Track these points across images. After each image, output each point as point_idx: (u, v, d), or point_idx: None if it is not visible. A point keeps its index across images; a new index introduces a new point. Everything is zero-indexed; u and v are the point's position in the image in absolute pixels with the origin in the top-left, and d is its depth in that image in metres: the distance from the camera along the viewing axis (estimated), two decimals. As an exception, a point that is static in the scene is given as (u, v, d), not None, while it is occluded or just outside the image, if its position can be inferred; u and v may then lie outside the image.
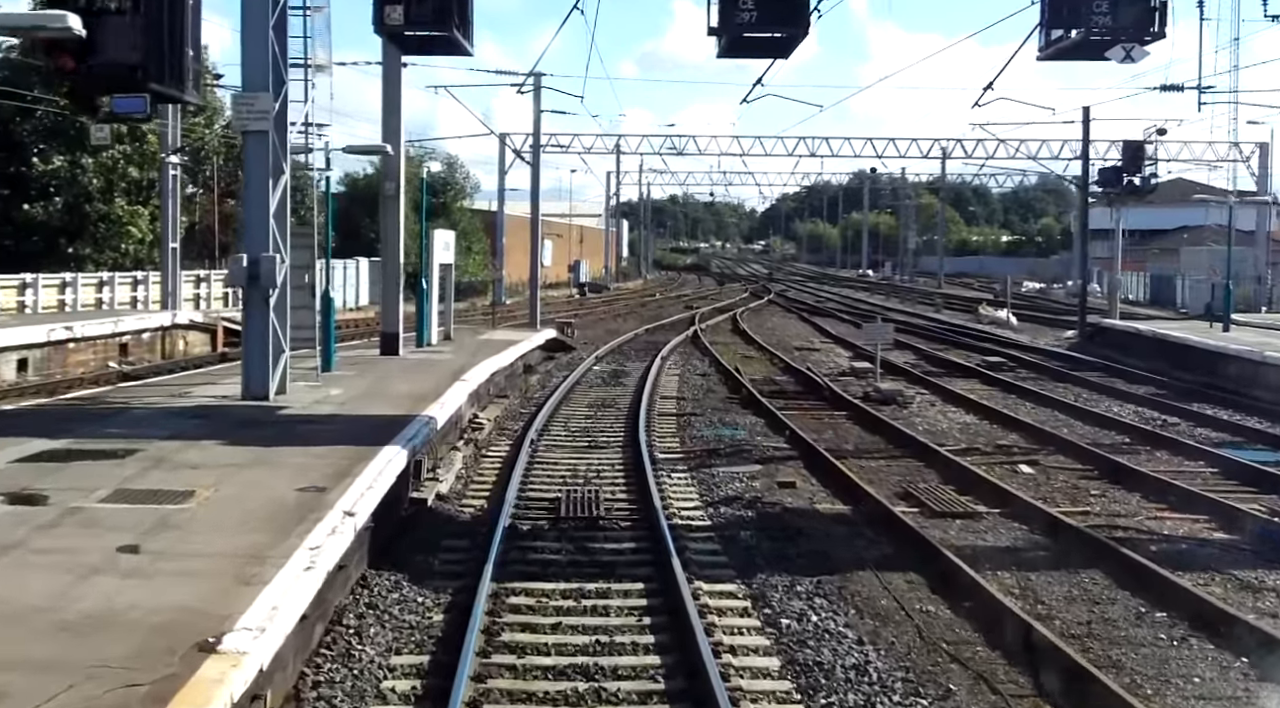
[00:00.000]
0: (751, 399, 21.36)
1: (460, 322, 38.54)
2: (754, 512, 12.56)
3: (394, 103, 19.59)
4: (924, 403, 21.62)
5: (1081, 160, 35.65)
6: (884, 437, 17.65)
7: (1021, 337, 37.73)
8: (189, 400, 14.16)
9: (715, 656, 7.93)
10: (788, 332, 40.04)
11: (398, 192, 19.73)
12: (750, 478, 14.39)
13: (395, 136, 19.43)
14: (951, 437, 17.84)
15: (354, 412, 13.37)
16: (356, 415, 13.08)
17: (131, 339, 28.05)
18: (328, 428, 11.91)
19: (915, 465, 15.35)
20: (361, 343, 24.73)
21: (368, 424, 12.47)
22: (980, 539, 11.48)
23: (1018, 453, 16.33)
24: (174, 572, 6.80)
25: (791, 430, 17.53)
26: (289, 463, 9.96)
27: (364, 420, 12.75)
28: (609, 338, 35.06)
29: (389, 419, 12.84)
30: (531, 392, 22.63)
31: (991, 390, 23.69)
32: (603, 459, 15.66)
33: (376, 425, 12.31)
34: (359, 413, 13.25)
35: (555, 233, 77.91)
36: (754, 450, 16.33)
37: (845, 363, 28.88)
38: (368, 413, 13.29)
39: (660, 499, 12.82)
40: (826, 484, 13.98)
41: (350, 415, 13.06)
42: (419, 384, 16.27)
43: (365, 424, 12.47)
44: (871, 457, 16.06)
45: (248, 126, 13.51)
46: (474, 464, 15.21)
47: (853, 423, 19.14)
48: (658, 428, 18.37)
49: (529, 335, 27.57)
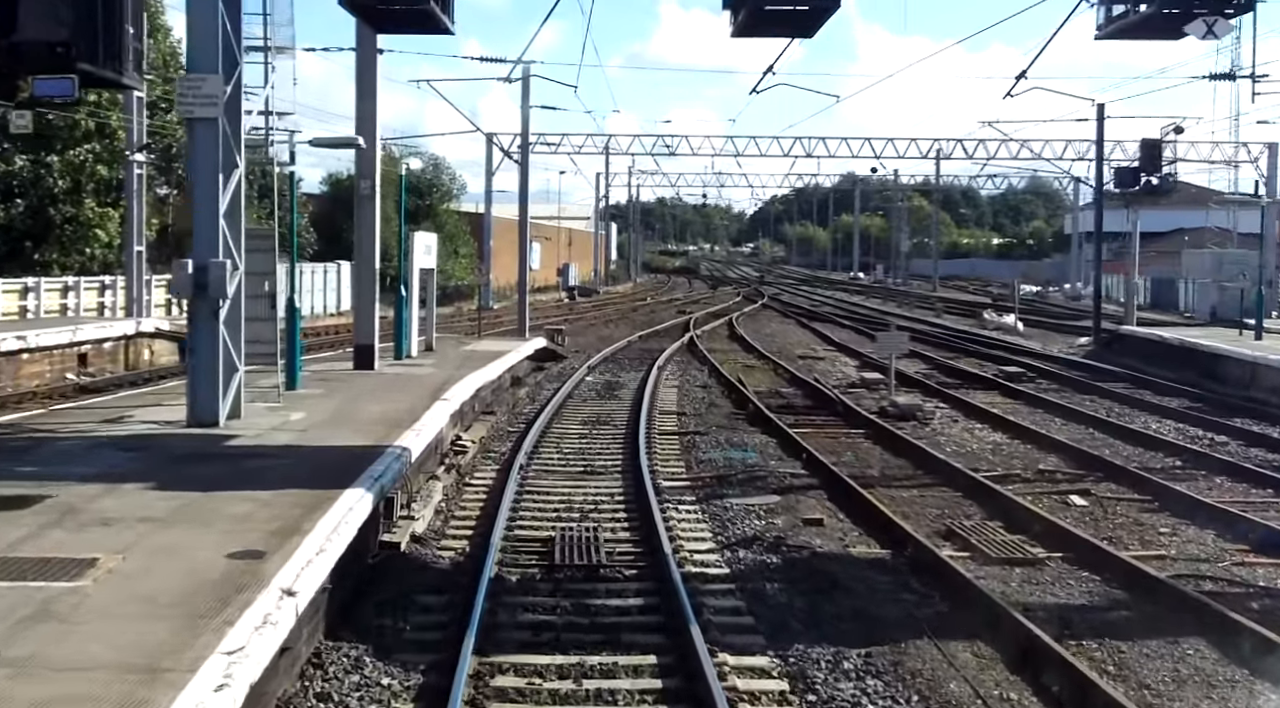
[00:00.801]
0: (759, 415, 19.67)
1: (445, 329, 36.78)
2: (778, 557, 10.85)
3: (368, 89, 17.77)
4: (945, 419, 19.94)
5: (1096, 159, 34.08)
6: (910, 460, 15.96)
7: (1032, 343, 36.12)
8: (126, 427, 12.34)
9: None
10: (788, 338, 38.36)
11: (373, 190, 17.93)
12: (769, 512, 12.68)
13: (370, 128, 17.64)
14: (984, 459, 16.17)
15: (315, 441, 11.57)
16: (318, 446, 11.28)
17: (92, 349, 26.23)
18: (281, 464, 10.14)
19: (951, 496, 13.66)
20: (337, 353, 22.96)
21: (330, 458, 10.69)
22: (1049, 594, 9.79)
23: (1062, 480, 14.66)
24: (27, 705, 4.97)
25: (808, 453, 15.84)
26: (226, 514, 8.20)
27: (326, 453, 10.95)
28: (601, 345, 33.34)
29: (355, 452, 11.07)
30: (520, 406, 20.90)
31: (1015, 404, 22.03)
32: (600, 488, 13.95)
33: (340, 460, 10.55)
34: (321, 443, 11.46)
35: (544, 236, 76.19)
36: (769, 477, 14.62)
37: (853, 373, 27.24)
38: (331, 443, 11.50)
39: (669, 541, 11.12)
40: (857, 520, 12.28)
41: (310, 446, 11.26)
42: (394, 405, 14.50)
43: (327, 458, 10.70)
44: (901, 485, 14.38)
45: (193, 113, 11.75)
46: (455, 496, 13.49)
47: (873, 443, 17.45)
48: (659, 449, 16.67)
49: (517, 345, 25.80)
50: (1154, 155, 31.85)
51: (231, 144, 12.06)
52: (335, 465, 10.19)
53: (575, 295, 66.51)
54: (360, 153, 17.66)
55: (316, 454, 10.88)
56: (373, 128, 17.77)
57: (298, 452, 10.98)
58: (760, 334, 39.20)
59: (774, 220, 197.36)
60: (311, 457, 10.79)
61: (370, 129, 17.73)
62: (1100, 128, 33.32)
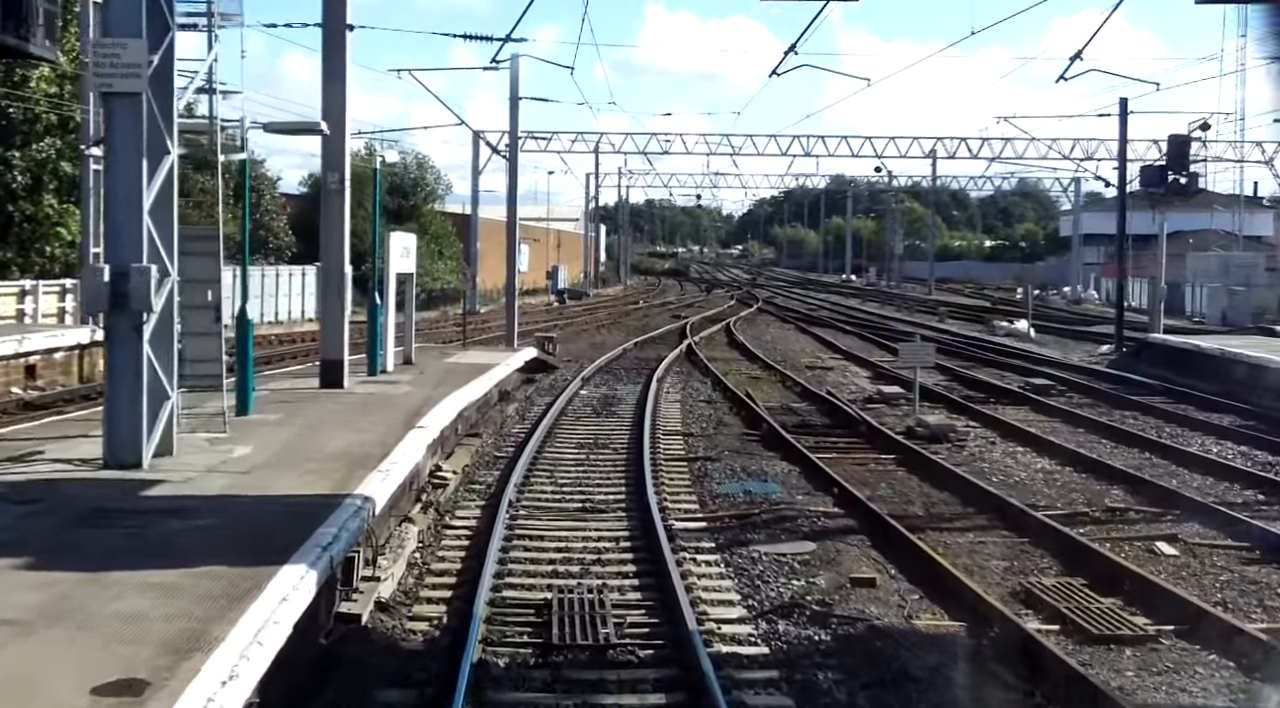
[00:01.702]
0: (775, 437, 17.65)
1: (428, 336, 34.66)
2: (828, 633, 8.82)
3: (337, 71, 15.63)
4: (982, 441, 17.94)
5: (1119, 157, 32.15)
6: (954, 493, 13.96)
7: (1049, 352, 34.18)
8: (29, 468, 10.15)
9: None
10: (790, 346, 36.36)
11: (341, 184, 15.79)
12: (807, 567, 10.65)
13: (338, 115, 15.52)
14: (1038, 492, 14.18)
15: (257, 489, 9.44)
16: (258, 497, 9.15)
17: (41, 360, 24.07)
18: (206, 526, 8.03)
19: (1015, 542, 11.65)
20: (307, 366, 20.76)
21: (269, 516, 8.55)
22: (1180, 690, 7.78)
23: (1138, 520, 12.68)
24: None
25: (839, 486, 13.81)
26: (113, 612, 6.03)
27: (266, 508, 8.80)
28: (594, 353, 31.29)
29: (304, 505, 8.94)
30: (508, 426, 18.83)
31: (1052, 422, 20.05)
32: (603, 532, 11.92)
33: (282, 518, 8.44)
34: (263, 492, 9.33)
35: (532, 237, 74.13)
36: (799, 517, 12.59)
37: (867, 385, 25.26)
38: (275, 492, 9.37)
39: (690, 607, 9.10)
40: (914, 578, 10.25)
41: (249, 497, 9.12)
42: (360, 435, 12.37)
43: (266, 516, 8.56)
44: (952, 526, 12.37)
45: (111, 86, 9.68)
46: (433, 542, 11.45)
47: (907, 471, 15.44)
48: (667, 479, 14.64)
49: (505, 356, 23.69)
50: (1182, 153, 29.94)
51: (160, 125, 9.99)
52: (275, 527, 8.10)
53: (565, 299, 64.51)
54: (326, 142, 15.58)
55: (254, 510, 8.74)
56: (341, 115, 15.67)
57: (231, 506, 8.86)
58: (761, 341, 37.22)
59: (764, 222, 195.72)
60: (247, 513, 8.65)
61: (339, 116, 15.62)
62: (1123, 123, 31.43)
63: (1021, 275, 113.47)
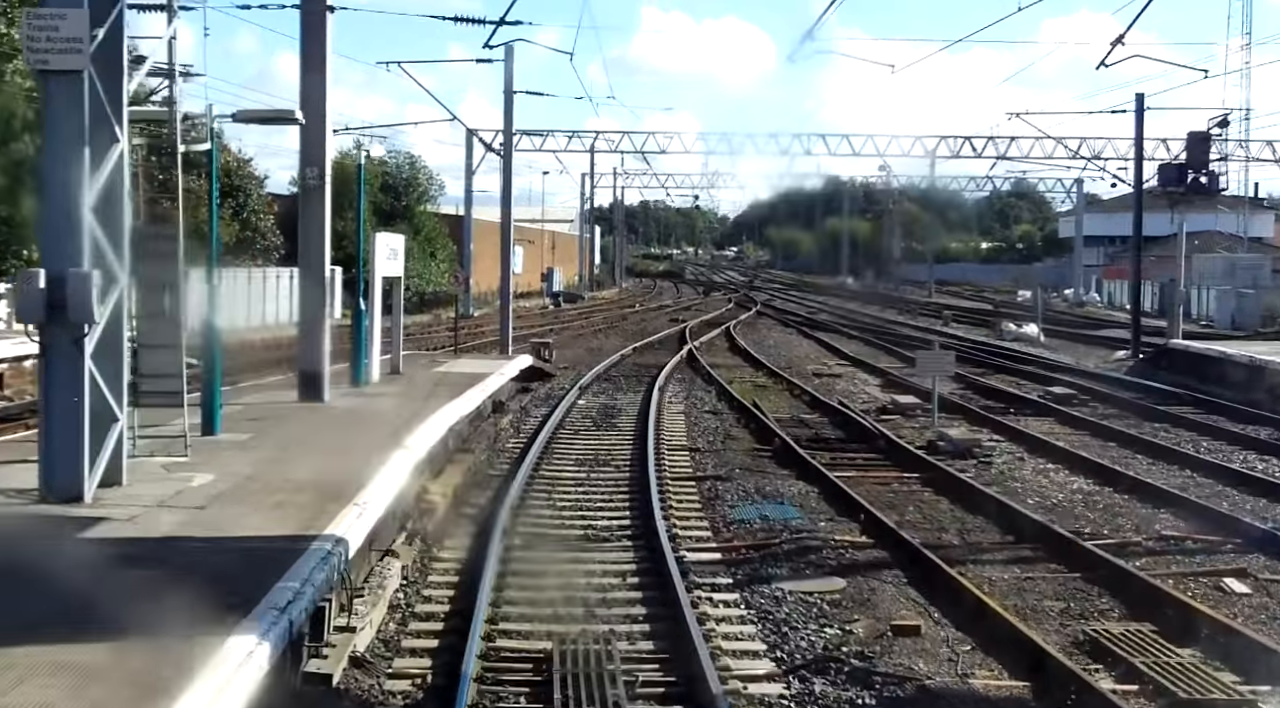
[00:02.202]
0: (789, 452, 16.48)
1: (419, 343, 33.41)
2: (873, 696, 7.62)
3: (316, 59, 14.36)
4: (1009, 457, 16.77)
5: (1135, 155, 31.00)
6: (990, 518, 12.78)
7: (1062, 357, 33.04)
8: (-48, 501, 8.98)
9: None
10: (794, 351, 35.20)
11: (322, 180, 14.52)
12: (838, 608, 9.48)
13: (318, 105, 14.29)
14: (1081, 517, 13.02)
15: (212, 528, 8.16)
16: (211, 539, 7.88)
17: (9, 368, 22.85)
18: (147, 577, 6.77)
19: (1066, 578, 10.47)
20: (287, 376, 19.53)
21: (223, 563, 7.28)
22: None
23: (1197, 550, 11.51)
24: None
25: (865, 510, 12.63)
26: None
27: (220, 553, 7.52)
28: (592, 359, 30.08)
29: (265, 550, 7.70)
30: (502, 440, 17.62)
31: (1080, 435, 18.90)
32: (608, 566, 10.73)
33: (239, 565, 7.21)
34: (218, 532, 8.07)
35: (527, 239, 72.89)
36: (823, 547, 11.41)
37: (879, 394, 24.12)
38: (232, 532, 8.11)
39: (711, 660, 7.93)
40: (963, 623, 9.05)
41: (201, 540, 7.84)
42: (338, 458, 11.12)
43: (219, 563, 7.28)
44: (994, 558, 11.20)
45: (47, 63, 8.45)
46: (418, 579, 10.26)
47: (935, 492, 14.27)
48: (675, 501, 13.46)
49: (499, 365, 22.45)
50: (1201, 150, 28.78)
51: (107, 110, 8.78)
52: (227, 580, 6.87)
53: (560, 302, 63.29)
54: (305, 134, 14.35)
55: (205, 557, 7.48)
56: (321, 105, 14.42)
57: (179, 552, 7.61)
58: (764, 346, 36.06)
59: (759, 224, 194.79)
60: (197, 562, 7.38)
61: (318, 107, 14.38)
62: (1139, 119, 30.29)
63: (1020, 278, 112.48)
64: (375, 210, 55.41)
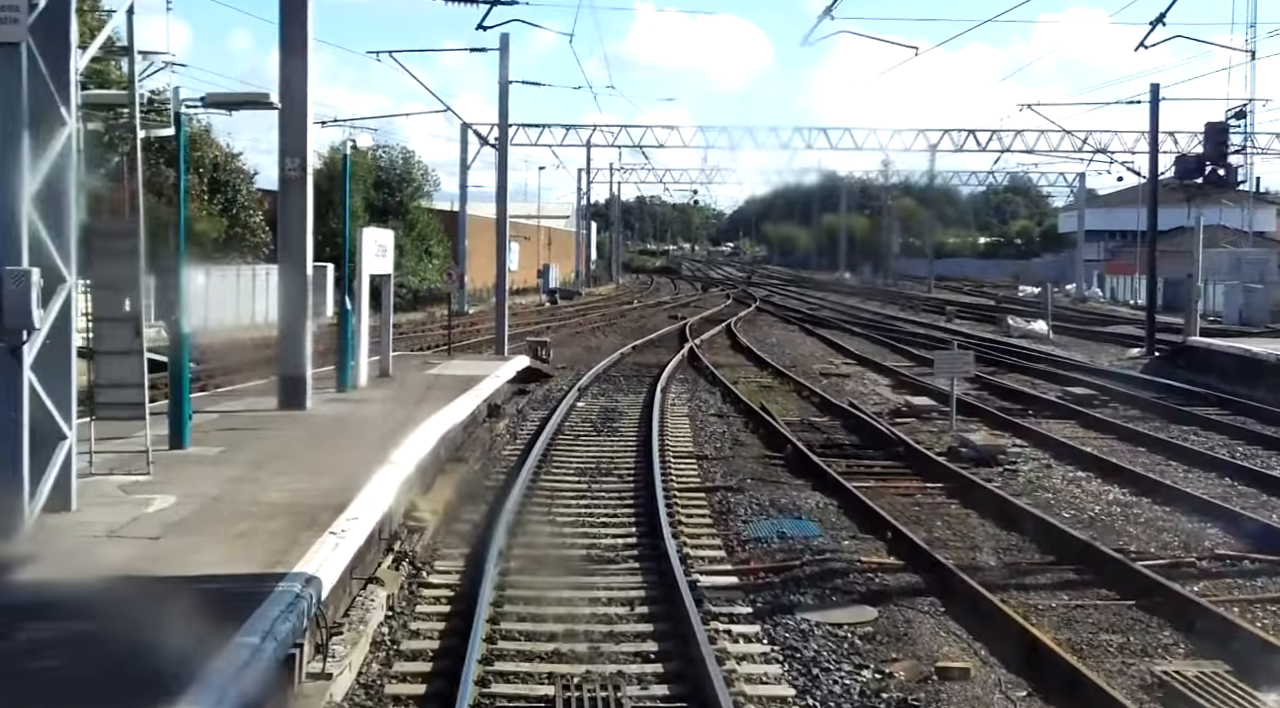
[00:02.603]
0: (801, 460, 15.53)
1: (412, 342, 32.43)
2: (924, 756, 6.67)
3: (297, 42, 13.30)
4: (1035, 464, 15.81)
5: (1150, 147, 30.05)
6: (1025, 534, 11.82)
7: (1073, 355, 32.08)
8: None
9: None
10: (799, 349, 34.22)
11: (303, 172, 13.47)
12: (872, 645, 8.51)
13: (298, 90, 13.22)
14: (1122, 532, 12.07)
15: (166, 564, 7.04)
16: (164, 579, 6.74)
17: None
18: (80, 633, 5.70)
19: (1119, 605, 9.51)
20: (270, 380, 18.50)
21: (174, 611, 6.10)
22: None
23: (1258, 571, 10.56)
24: None
25: (891, 526, 11.67)
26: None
27: (171, 598, 6.30)
28: (590, 358, 29.10)
29: (224, 593, 6.62)
30: (498, 447, 16.65)
31: (1106, 439, 17.96)
32: (614, 593, 9.75)
33: (192, 613, 6.10)
34: (172, 570, 6.94)
35: (523, 235, 71.87)
36: (849, 571, 10.44)
37: (891, 395, 23.15)
38: (189, 570, 6.98)
39: (735, 710, 6.97)
40: (1014, 663, 8.08)
41: (150, 580, 6.68)
42: (316, 477, 10.09)
43: (168, 612, 6.11)
44: (1038, 581, 10.25)
45: (-22, 35, 7.53)
46: (405, 609, 9.28)
47: (961, 504, 13.30)
48: (683, 516, 12.48)
49: (495, 367, 21.43)
50: (1220, 142, 27.83)
51: (51, 88, 7.80)
52: (175, 635, 5.80)
53: (557, 298, 62.30)
54: (285, 122, 13.33)
55: (153, 604, 6.30)
56: (302, 92, 13.37)
57: (123, 597, 6.48)
58: (766, 344, 35.09)
59: (755, 220, 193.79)
60: (141, 612, 6.24)
61: (299, 93, 13.35)
62: (1154, 110, 29.32)
63: (1019, 273, 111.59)
64: (369, 206, 54.37)
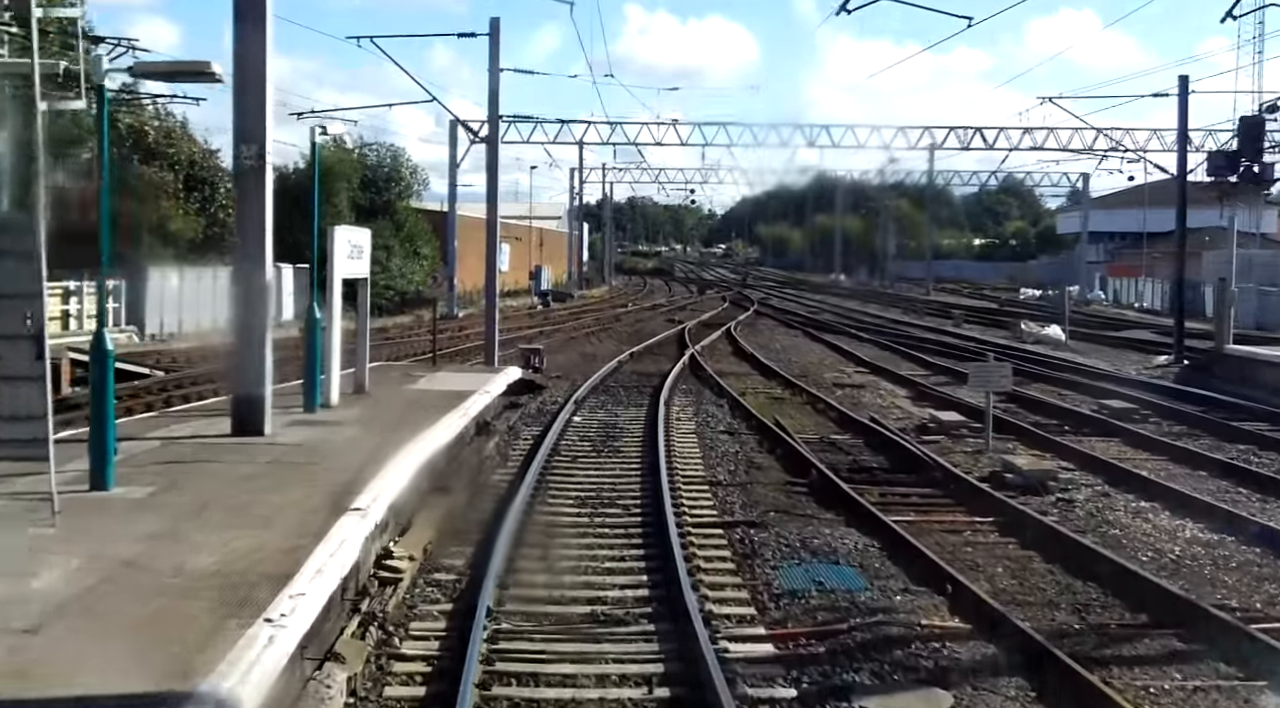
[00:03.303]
0: (829, 487, 13.80)
1: (397, 348, 30.64)
2: None
3: (254, 8, 11.49)
4: (1091, 492, 14.08)
5: (1179, 142, 28.36)
6: (1105, 585, 10.08)
7: (1095, 362, 30.41)
8: None
9: None
10: (806, 356, 32.51)
11: (260, 161, 11.61)
12: (958, 750, 6.76)
13: (256, 67, 11.35)
14: (1216, 581, 10.35)
15: (27, 682, 5.15)
16: (20, 703, 5.07)
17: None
18: None
19: (1245, 686, 7.78)
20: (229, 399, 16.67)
21: None
22: None
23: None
24: None
25: (948, 576, 9.92)
26: None
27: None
28: (587, 367, 27.33)
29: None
30: (486, 471, 14.88)
31: (1160, 461, 16.27)
32: (626, 668, 7.99)
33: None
34: (33, 692, 5.15)
35: (514, 236, 70.14)
36: (909, 638, 8.66)
37: (913, 408, 21.46)
38: (59, 691, 5.17)
39: None
40: (1143, 780, 6.35)
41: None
42: (261, 530, 8.23)
43: None
44: (1136, 652, 8.50)
45: None
46: (370, 694, 7.50)
47: (1021, 546, 11.55)
48: (702, 562, 10.70)
49: (484, 380, 19.61)
50: (1255, 136, 26.17)
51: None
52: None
53: (549, 301, 60.62)
54: (240, 101, 11.52)
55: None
56: (261, 68, 11.52)
57: None
58: (770, 350, 33.39)
59: (748, 221, 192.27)
60: None
61: (257, 70, 11.52)
62: (1183, 104, 27.65)
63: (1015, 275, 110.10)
64: (355, 206, 52.56)
